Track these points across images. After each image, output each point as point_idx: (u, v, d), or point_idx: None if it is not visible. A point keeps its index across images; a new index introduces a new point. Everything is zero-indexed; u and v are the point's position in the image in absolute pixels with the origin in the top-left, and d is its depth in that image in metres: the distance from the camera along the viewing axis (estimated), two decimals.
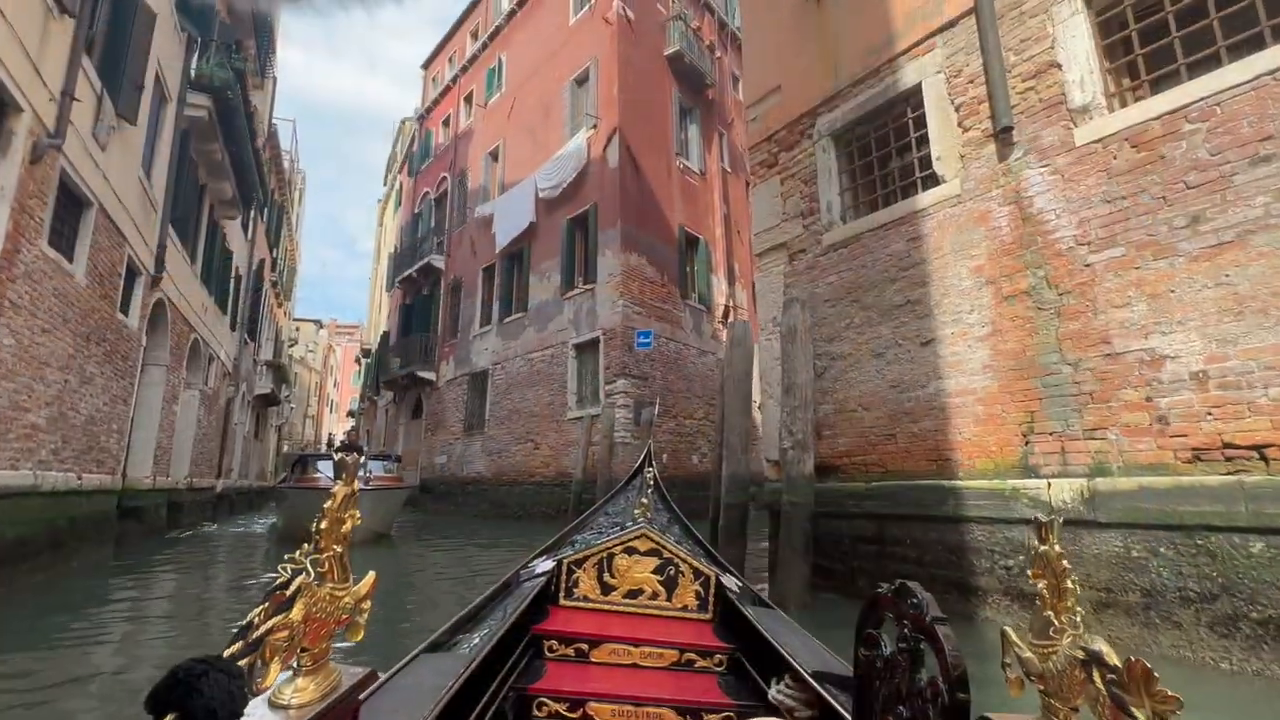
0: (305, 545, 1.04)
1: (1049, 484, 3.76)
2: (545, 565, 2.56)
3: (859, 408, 4.99)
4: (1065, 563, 0.98)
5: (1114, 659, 0.84)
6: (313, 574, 1.01)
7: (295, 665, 1.03)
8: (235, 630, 0.89)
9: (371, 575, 1.14)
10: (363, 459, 10.72)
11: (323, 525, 1.06)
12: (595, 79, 15.40)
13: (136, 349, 9.35)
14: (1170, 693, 0.76)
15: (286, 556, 1.01)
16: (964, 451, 4.26)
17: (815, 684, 1.64)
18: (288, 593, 0.96)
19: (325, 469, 10.61)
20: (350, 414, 38.91)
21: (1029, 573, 1.03)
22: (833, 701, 1.58)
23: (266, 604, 0.93)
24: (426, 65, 25.19)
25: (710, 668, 2.19)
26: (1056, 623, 0.96)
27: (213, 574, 7.50)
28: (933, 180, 4.82)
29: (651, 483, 3.08)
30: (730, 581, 2.56)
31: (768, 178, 6.19)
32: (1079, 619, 0.95)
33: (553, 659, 2.17)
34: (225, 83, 10.93)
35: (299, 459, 11.21)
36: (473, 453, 16.71)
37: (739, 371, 5.79)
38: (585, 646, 2.19)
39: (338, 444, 12.51)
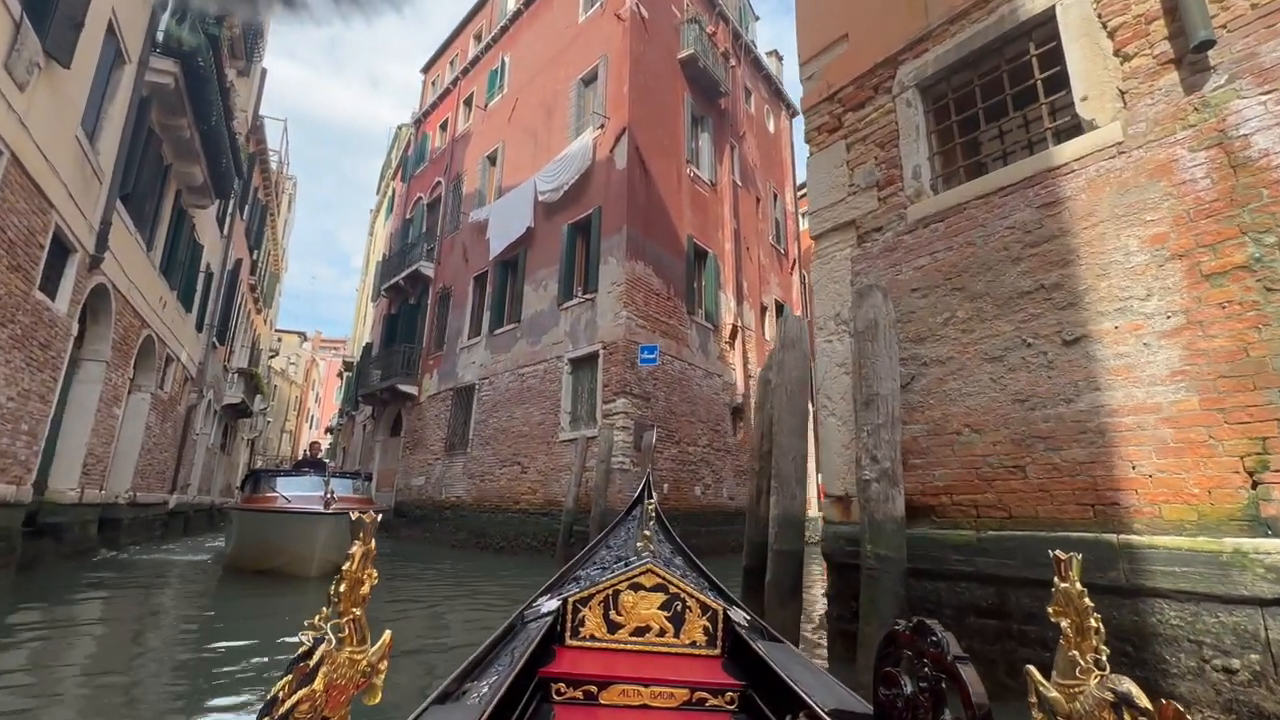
0: (324, 609, 0.99)
1: None
2: (550, 604, 2.47)
3: (965, 429, 3.74)
4: (1087, 600, 0.96)
5: (1145, 701, 0.84)
6: (334, 641, 0.97)
7: None
8: (261, 706, 0.87)
9: (388, 634, 1.06)
10: (325, 475, 9.31)
11: (341, 588, 1.00)
12: (604, 77, 14.41)
13: (63, 338, 7.98)
14: None
15: (306, 623, 0.96)
16: (1142, 493, 3.01)
17: None
18: (311, 663, 0.92)
19: (285, 487, 9.14)
20: (329, 430, 37.23)
21: (1049, 609, 1.00)
22: None
23: (290, 676, 0.90)
24: (427, 69, 24.32)
25: (722, 706, 2.10)
26: (1082, 662, 0.94)
27: (134, 615, 6.00)
28: (1074, 129, 3.67)
29: (653, 514, 2.91)
30: (738, 615, 2.48)
31: (829, 144, 5.02)
32: (1105, 658, 0.93)
33: (561, 702, 2.09)
34: (196, 48, 9.76)
35: (251, 474, 9.67)
36: (453, 475, 15.26)
37: (792, 379, 4.53)
38: (594, 688, 2.10)
39: (300, 458, 11.04)
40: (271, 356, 37.05)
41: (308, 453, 11.32)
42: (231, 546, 9.11)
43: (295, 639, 4.60)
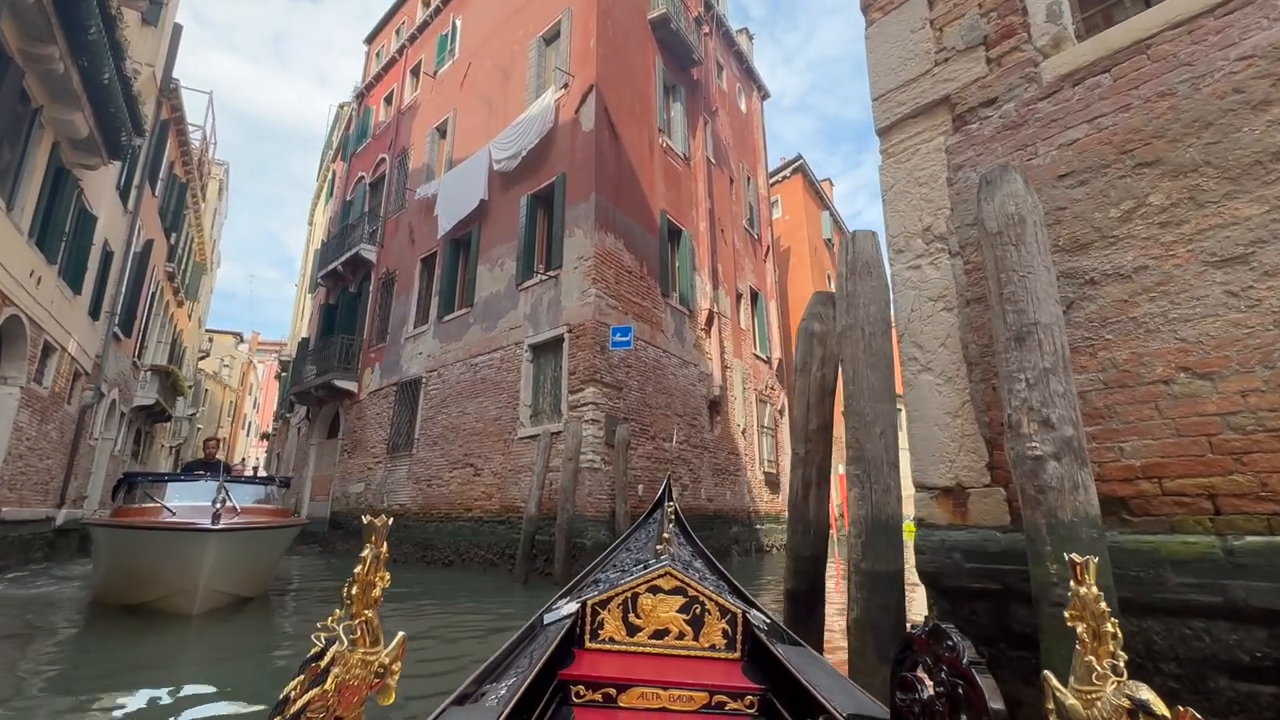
0: (337, 611, 0.96)
1: None
2: (569, 607, 2.42)
3: (1179, 373, 2.37)
4: (1104, 605, 0.94)
5: (1162, 708, 0.83)
6: (346, 641, 0.94)
7: None
8: (273, 706, 0.85)
9: (401, 636, 1.02)
10: (221, 480, 7.22)
11: (353, 590, 0.97)
12: (568, 33, 12.90)
13: None
14: None
15: (320, 624, 0.93)
16: None
17: None
18: (323, 663, 0.90)
19: (175, 496, 7.23)
20: (264, 436, 34.43)
21: (1065, 614, 0.98)
22: None
23: (302, 676, 0.88)
24: (371, 39, 22.33)
25: (741, 709, 2.04)
26: (1099, 668, 0.92)
27: None
28: None
29: (673, 516, 2.86)
30: (757, 618, 2.43)
31: (898, 4, 3.64)
32: (1122, 665, 0.91)
33: (580, 705, 2.04)
34: None
35: (124, 478, 7.63)
36: (397, 480, 13.43)
37: (871, 317, 3.09)
38: (613, 691, 2.06)
39: (191, 460, 9.07)
40: (202, 357, 34.12)
41: (204, 454, 9.32)
42: (98, 575, 7.17)
43: None
